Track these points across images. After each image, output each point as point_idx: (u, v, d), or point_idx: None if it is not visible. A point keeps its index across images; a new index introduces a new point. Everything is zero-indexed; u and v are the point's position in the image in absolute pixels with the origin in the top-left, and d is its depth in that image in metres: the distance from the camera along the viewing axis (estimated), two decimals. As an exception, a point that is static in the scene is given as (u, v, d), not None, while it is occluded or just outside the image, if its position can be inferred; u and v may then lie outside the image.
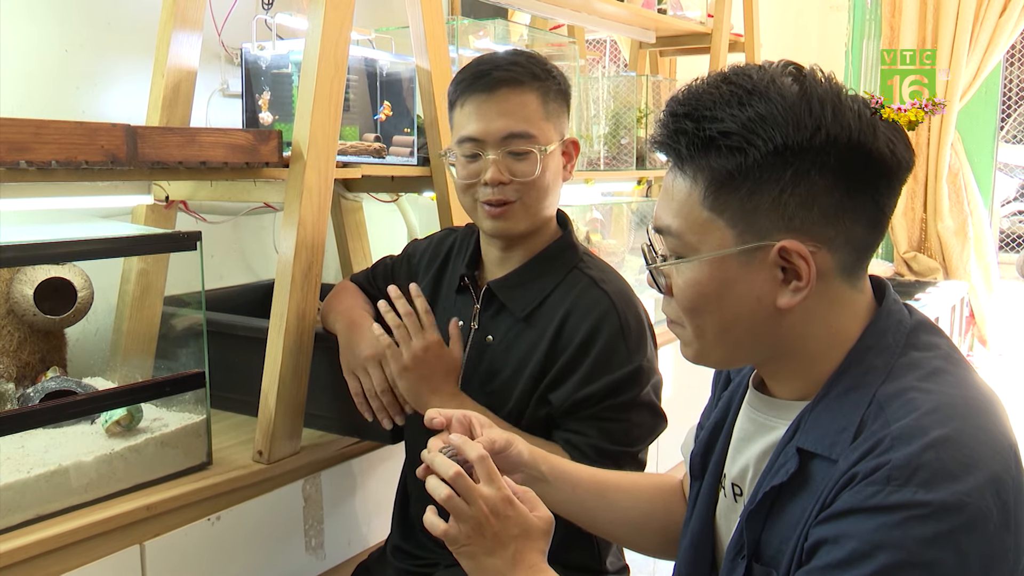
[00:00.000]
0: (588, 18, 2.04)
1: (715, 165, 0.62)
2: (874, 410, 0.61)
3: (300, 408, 1.16)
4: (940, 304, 2.85)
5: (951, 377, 0.62)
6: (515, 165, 1.02)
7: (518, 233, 1.06)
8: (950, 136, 3.24)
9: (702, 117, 0.63)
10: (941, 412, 0.59)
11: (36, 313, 1.12)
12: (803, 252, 0.62)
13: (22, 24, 1.31)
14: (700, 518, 0.75)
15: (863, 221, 0.64)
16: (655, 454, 1.13)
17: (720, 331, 0.66)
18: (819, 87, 0.63)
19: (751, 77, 0.63)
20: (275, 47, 1.36)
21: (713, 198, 0.63)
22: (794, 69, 0.64)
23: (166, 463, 1.06)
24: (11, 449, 0.98)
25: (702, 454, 0.78)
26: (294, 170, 1.14)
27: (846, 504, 0.58)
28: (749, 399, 0.73)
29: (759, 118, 0.61)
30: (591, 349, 1.01)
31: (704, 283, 0.65)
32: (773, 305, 0.64)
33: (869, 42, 3.41)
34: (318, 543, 1.21)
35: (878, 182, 0.63)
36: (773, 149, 0.61)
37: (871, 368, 0.64)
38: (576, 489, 0.84)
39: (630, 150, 2.02)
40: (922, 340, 0.65)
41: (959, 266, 3.30)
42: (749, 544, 0.66)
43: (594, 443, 0.99)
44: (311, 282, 1.15)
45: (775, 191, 0.62)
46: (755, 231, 0.62)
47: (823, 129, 0.61)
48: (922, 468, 0.56)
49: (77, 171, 0.96)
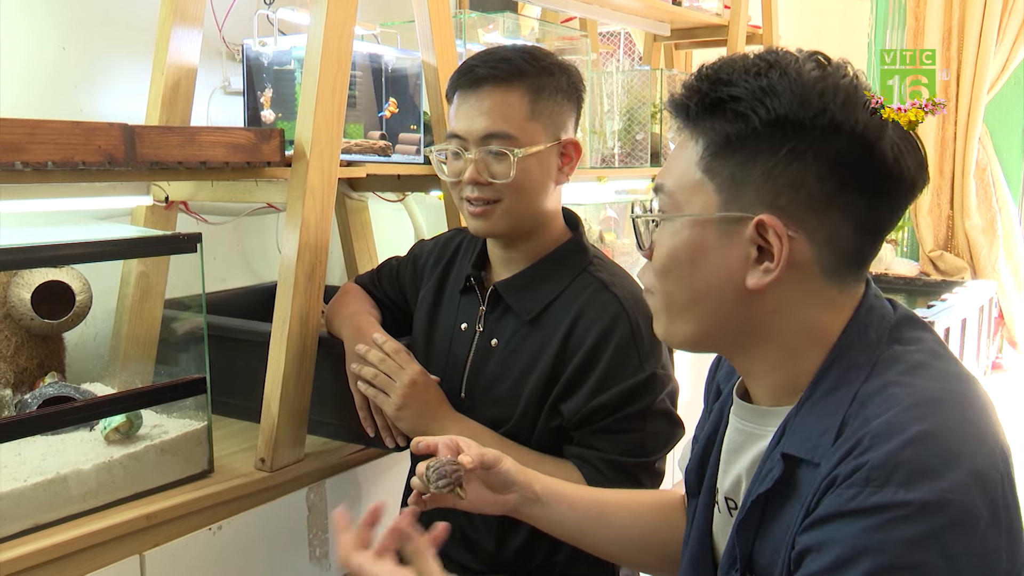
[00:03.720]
0: (600, 11, 2.01)
1: (717, 128, 0.63)
2: (855, 408, 0.60)
3: (303, 414, 1.15)
4: (968, 305, 2.77)
5: (934, 371, 0.61)
6: (493, 166, 1.00)
7: (500, 233, 1.04)
8: (977, 130, 3.16)
9: (719, 80, 0.63)
10: (922, 407, 0.57)
11: (33, 317, 1.11)
12: (779, 231, 0.61)
13: (19, 22, 1.30)
14: (698, 535, 0.74)
15: (851, 222, 0.62)
16: (671, 463, 1.10)
17: (687, 301, 0.66)
18: (840, 78, 0.62)
19: (778, 54, 0.64)
20: (277, 43, 1.34)
21: (708, 160, 0.64)
22: (823, 58, 0.64)
23: (166, 471, 1.04)
24: (8, 457, 0.97)
25: (696, 469, 0.76)
26: (297, 169, 1.12)
27: (828, 509, 0.56)
28: (735, 409, 0.72)
29: (770, 88, 0.61)
30: (601, 356, 0.98)
31: (680, 247, 0.65)
32: (742, 283, 0.63)
33: (893, 33, 3.33)
34: (322, 553, 1.19)
35: (875, 187, 0.62)
36: (775, 119, 0.61)
37: (853, 365, 0.62)
38: (573, 509, 0.83)
39: (645, 146, 1.97)
40: (906, 335, 0.64)
41: (987, 265, 3.22)
42: (742, 556, 0.65)
43: (607, 457, 0.97)
44: (315, 285, 1.13)
45: (768, 164, 0.61)
46: (740, 202, 0.63)
47: (828, 113, 0.60)
48: (901, 466, 0.54)
49: (74, 172, 0.95)
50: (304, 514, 1.16)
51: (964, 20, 3.12)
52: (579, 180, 1.82)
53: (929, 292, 2.90)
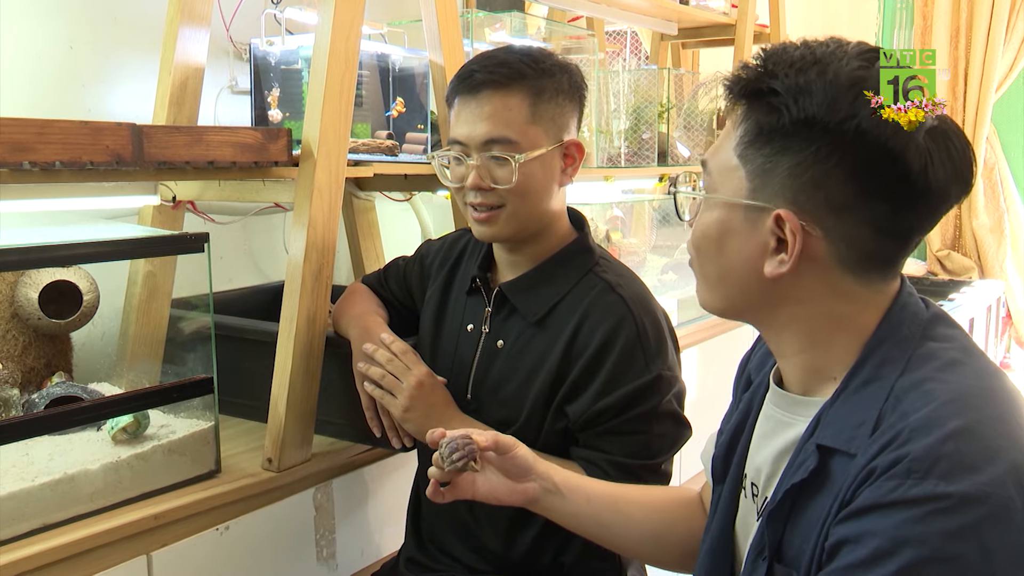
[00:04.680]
0: (607, 10, 2.00)
1: (754, 117, 0.65)
2: (892, 402, 0.60)
3: (311, 414, 1.14)
4: (975, 304, 2.76)
5: (968, 368, 0.62)
6: (496, 171, 1.00)
7: (506, 238, 1.03)
8: (985, 129, 3.14)
9: (764, 69, 0.64)
10: (959, 402, 0.58)
11: (41, 317, 1.11)
12: (795, 227, 0.63)
13: (27, 21, 1.31)
14: (720, 523, 0.74)
15: (871, 225, 0.63)
16: (678, 463, 1.09)
17: (717, 277, 0.69)
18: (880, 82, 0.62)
19: (827, 47, 0.64)
20: (284, 42, 1.34)
21: (744, 147, 0.65)
22: (872, 56, 0.64)
23: (173, 471, 1.04)
24: (16, 457, 0.97)
25: (723, 456, 0.77)
26: (304, 169, 1.12)
27: (867, 500, 0.57)
28: (770, 396, 0.73)
29: (806, 86, 0.62)
30: (607, 358, 0.97)
31: (711, 225, 0.68)
32: (762, 269, 0.65)
33: (901, 31, 3.32)
34: (330, 553, 1.18)
35: (899, 195, 0.62)
36: (803, 120, 0.62)
37: (888, 360, 0.63)
38: (591, 502, 0.83)
39: (651, 146, 1.96)
40: (939, 332, 0.65)
41: (995, 264, 3.20)
42: (771, 544, 0.65)
43: (613, 459, 0.96)
44: (322, 284, 1.13)
45: (794, 160, 0.63)
46: (766, 192, 0.64)
47: (856, 119, 0.60)
48: (942, 459, 0.55)
49: (82, 172, 0.95)
50: (311, 514, 1.16)
51: (972, 19, 3.10)
52: (586, 179, 1.82)
53: (937, 292, 2.89)
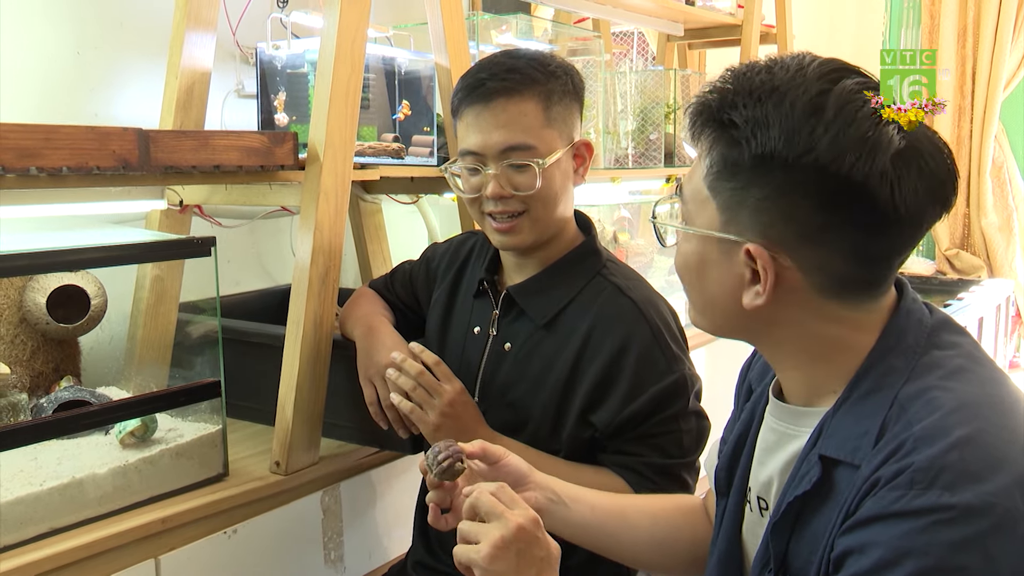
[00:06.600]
0: (613, 11, 2.00)
1: (719, 149, 0.63)
2: (896, 411, 0.60)
3: (318, 417, 1.14)
4: (985, 303, 2.74)
5: (974, 376, 0.61)
6: (516, 178, 0.99)
7: (528, 245, 1.03)
8: (993, 127, 3.12)
9: (725, 100, 0.63)
10: (964, 411, 0.57)
11: (49, 321, 1.11)
12: (767, 262, 0.62)
13: (34, 26, 1.31)
14: (727, 535, 0.74)
15: (846, 253, 0.61)
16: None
17: (702, 304, 0.69)
18: (843, 106, 0.58)
19: (787, 71, 0.61)
20: (290, 46, 1.34)
21: (712, 179, 0.64)
22: (835, 77, 0.61)
23: (181, 475, 1.04)
24: (24, 461, 0.97)
25: (726, 468, 0.76)
26: (310, 172, 1.12)
27: (870, 511, 0.57)
28: (770, 409, 0.72)
29: (763, 119, 0.60)
30: (625, 363, 0.96)
31: (690, 255, 0.68)
32: (740, 301, 0.65)
33: (908, 31, 3.30)
34: (338, 556, 1.18)
35: (869, 222, 0.60)
36: (761, 155, 0.60)
37: (892, 369, 0.62)
38: (595, 511, 0.82)
39: (658, 147, 1.96)
40: (944, 339, 0.64)
41: (1004, 263, 3.18)
42: (776, 557, 0.64)
43: (651, 461, 0.96)
44: (328, 287, 1.13)
45: (759, 195, 0.61)
46: (737, 225, 0.63)
47: (813, 153, 0.58)
48: (946, 470, 0.54)
49: (88, 177, 0.95)
50: (319, 517, 1.16)
51: (979, 18, 3.08)
52: (593, 181, 1.81)
53: (946, 291, 2.87)
